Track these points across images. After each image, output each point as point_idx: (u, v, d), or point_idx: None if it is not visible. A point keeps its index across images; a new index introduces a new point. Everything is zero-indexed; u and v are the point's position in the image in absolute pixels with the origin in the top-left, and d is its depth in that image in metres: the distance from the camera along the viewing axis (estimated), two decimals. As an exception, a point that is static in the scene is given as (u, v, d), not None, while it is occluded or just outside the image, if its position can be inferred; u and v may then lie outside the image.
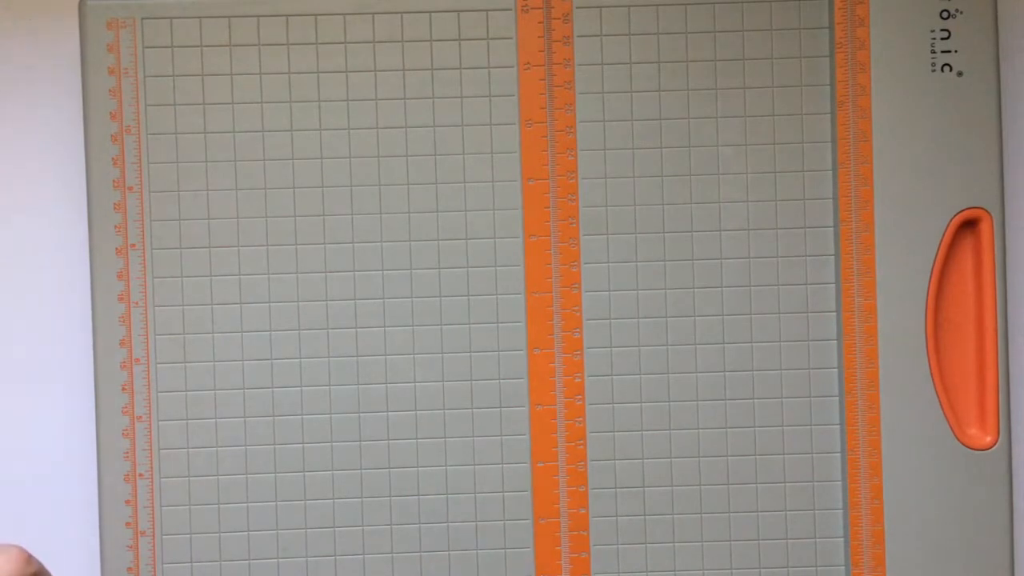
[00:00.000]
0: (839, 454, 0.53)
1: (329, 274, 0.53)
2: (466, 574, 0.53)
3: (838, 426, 0.53)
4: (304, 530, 0.53)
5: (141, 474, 0.52)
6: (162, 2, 0.52)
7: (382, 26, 0.53)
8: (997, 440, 0.52)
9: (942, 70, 0.52)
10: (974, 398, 0.53)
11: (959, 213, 0.52)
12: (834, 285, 0.53)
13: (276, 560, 0.53)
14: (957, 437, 0.52)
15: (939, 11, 0.52)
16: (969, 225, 0.53)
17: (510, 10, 0.53)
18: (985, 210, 0.52)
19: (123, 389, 0.52)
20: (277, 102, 0.52)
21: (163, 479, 0.52)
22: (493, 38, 0.53)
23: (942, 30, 0.52)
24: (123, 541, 0.52)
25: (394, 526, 0.53)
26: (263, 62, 0.52)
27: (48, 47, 0.54)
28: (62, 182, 0.54)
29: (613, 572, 0.53)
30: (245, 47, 0.52)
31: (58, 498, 0.54)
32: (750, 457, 0.53)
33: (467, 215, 0.53)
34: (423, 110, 0.53)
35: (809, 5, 0.53)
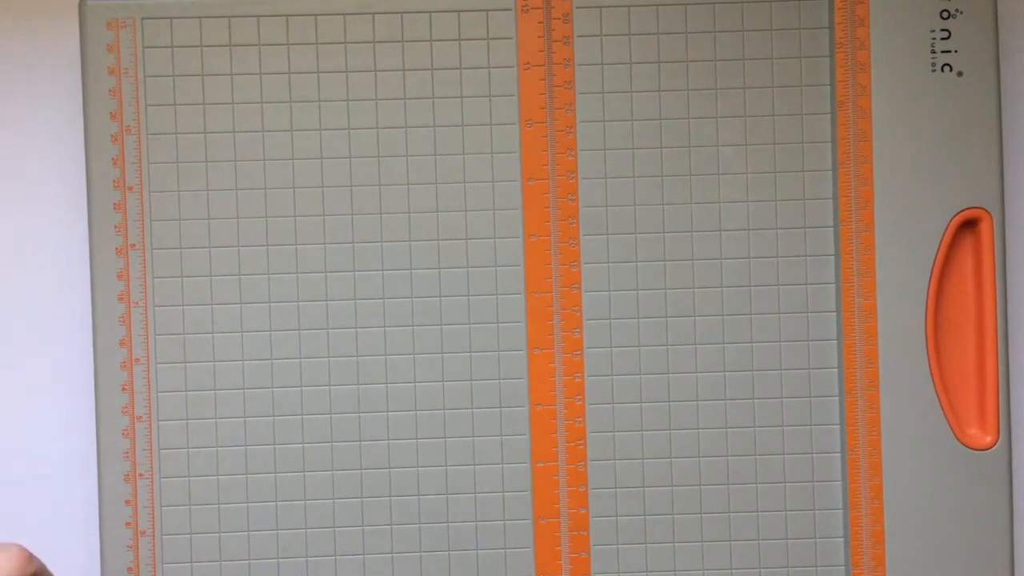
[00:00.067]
0: (839, 454, 0.53)
1: (329, 274, 0.53)
2: (466, 574, 0.53)
3: (838, 426, 0.53)
4: (304, 530, 0.53)
5: (141, 474, 0.52)
6: (162, 2, 0.52)
7: (382, 26, 0.53)
8: (997, 440, 0.52)
9: (942, 70, 0.52)
10: (974, 398, 0.53)
11: (959, 213, 0.52)
12: (834, 285, 0.53)
13: (276, 560, 0.53)
14: (957, 437, 0.52)
15: (939, 11, 0.52)
16: (969, 225, 0.53)
17: (510, 10, 0.53)
18: (985, 210, 0.52)
19: (123, 389, 0.52)
20: (277, 102, 0.52)
21: (163, 479, 0.52)
22: (493, 38, 0.53)
23: (942, 30, 0.52)
24: (123, 541, 0.52)
25: (394, 526, 0.53)
26: (263, 62, 0.52)
27: (48, 47, 0.54)
28: (62, 182, 0.54)
29: (613, 572, 0.53)
30: (245, 47, 0.52)
31: (58, 498, 0.54)
32: (750, 457, 0.53)
33: (467, 215, 0.53)
34: (423, 110, 0.53)
35: (809, 5, 0.53)
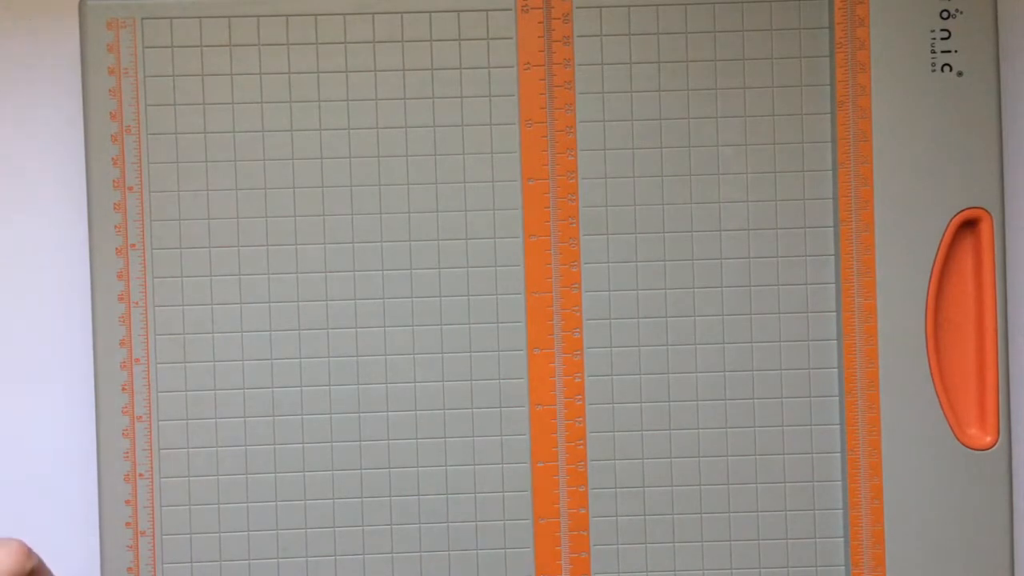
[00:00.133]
0: (839, 454, 0.53)
1: (329, 274, 0.53)
2: (466, 574, 0.53)
3: (838, 426, 0.53)
4: (304, 530, 0.53)
5: (141, 474, 0.52)
6: (162, 2, 0.52)
7: (382, 26, 0.53)
8: (997, 440, 0.52)
9: (942, 70, 0.52)
10: (974, 398, 0.53)
11: (959, 213, 0.52)
12: (834, 285, 0.53)
13: (276, 560, 0.53)
14: (957, 437, 0.52)
15: (939, 11, 0.52)
16: (969, 225, 0.53)
17: (510, 10, 0.53)
18: (985, 210, 0.52)
19: (123, 389, 0.52)
20: (277, 102, 0.52)
21: (163, 479, 0.52)
22: (493, 38, 0.53)
23: (942, 30, 0.52)
24: (123, 541, 0.52)
25: (394, 526, 0.53)
26: (263, 62, 0.52)
27: (48, 47, 0.54)
28: (62, 182, 0.54)
29: (613, 572, 0.53)
30: (245, 47, 0.52)
31: (58, 498, 0.54)
32: (750, 457, 0.53)
33: (467, 215, 0.53)
34: (423, 110, 0.53)
35: (809, 5, 0.53)
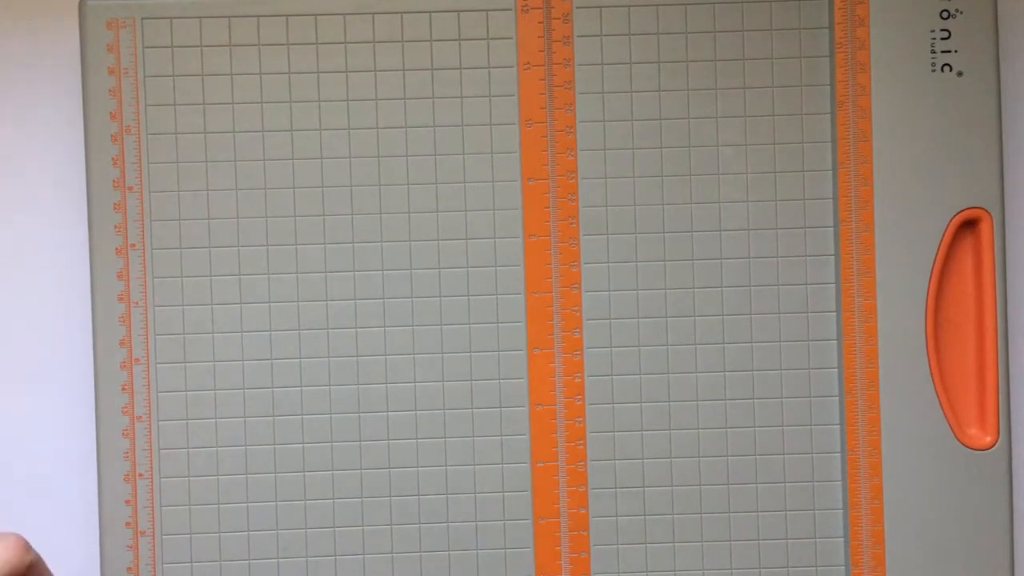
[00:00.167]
0: (839, 454, 0.53)
1: (329, 274, 0.53)
2: (466, 574, 0.53)
3: (838, 426, 0.53)
4: (304, 530, 0.53)
5: (141, 474, 0.52)
6: (162, 2, 0.52)
7: (382, 26, 0.53)
8: (997, 440, 0.52)
9: (942, 70, 0.52)
10: (974, 398, 0.53)
11: (959, 213, 0.52)
12: (834, 285, 0.53)
13: (276, 560, 0.53)
14: (957, 437, 0.52)
15: (939, 11, 0.52)
16: (969, 225, 0.53)
17: (510, 10, 0.53)
18: (985, 210, 0.52)
19: (123, 389, 0.52)
20: (277, 102, 0.52)
21: (163, 479, 0.52)
22: (493, 38, 0.53)
23: (942, 30, 0.52)
24: (123, 541, 0.52)
25: (394, 526, 0.53)
26: (263, 62, 0.52)
27: (48, 47, 0.54)
28: (62, 182, 0.54)
29: (613, 572, 0.53)
30: (245, 47, 0.52)
31: (58, 498, 0.54)
32: (750, 457, 0.53)
33: (467, 215, 0.53)
34: (423, 110, 0.53)
35: (809, 5, 0.53)
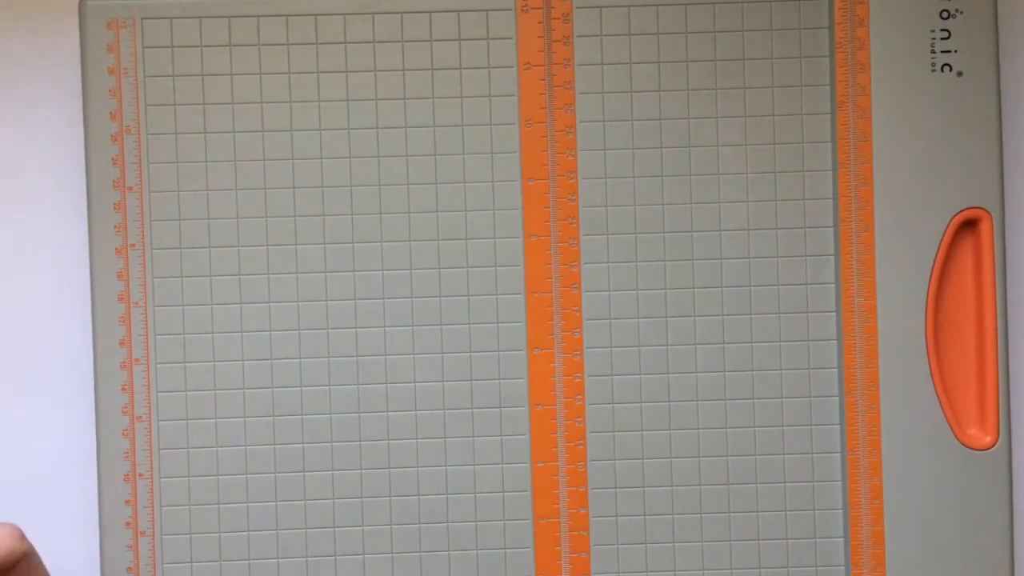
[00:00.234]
0: (839, 454, 0.53)
1: (329, 274, 0.53)
2: (466, 574, 0.53)
3: (838, 426, 0.53)
4: (304, 530, 0.53)
5: (141, 474, 0.52)
6: (162, 2, 0.52)
7: (382, 26, 0.53)
8: (997, 440, 0.52)
9: (942, 70, 0.52)
10: (974, 398, 0.53)
11: (959, 213, 0.52)
12: (834, 285, 0.53)
13: (276, 560, 0.53)
14: (957, 437, 0.52)
15: (939, 11, 0.52)
16: (969, 225, 0.53)
17: (510, 10, 0.53)
18: (985, 210, 0.52)
19: (123, 389, 0.52)
20: (277, 102, 0.52)
21: (163, 479, 0.52)
22: (493, 38, 0.53)
23: (942, 30, 0.52)
24: (123, 541, 0.52)
25: (394, 526, 0.53)
26: (263, 62, 0.52)
27: (48, 47, 0.54)
28: (62, 182, 0.54)
29: (613, 572, 0.53)
30: (245, 47, 0.52)
31: (58, 498, 0.54)
32: (750, 457, 0.53)
33: (467, 215, 0.53)
34: (423, 110, 0.53)
35: (809, 5, 0.53)
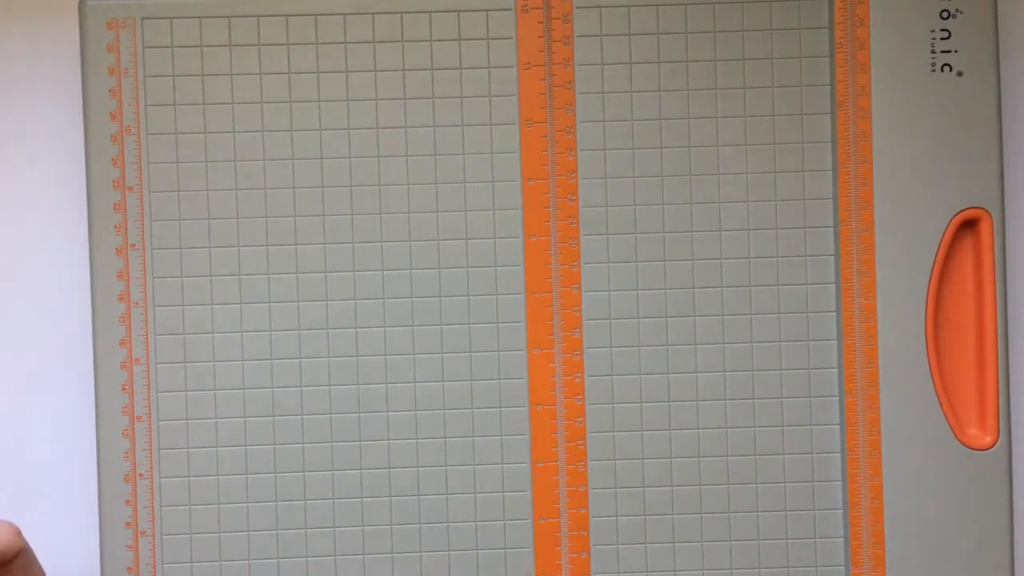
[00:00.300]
0: (839, 454, 0.53)
1: (329, 274, 0.53)
2: (466, 574, 0.53)
3: (838, 426, 0.53)
4: (304, 530, 0.53)
5: (141, 474, 0.52)
6: (162, 2, 0.52)
7: (382, 26, 0.53)
8: (997, 440, 0.52)
9: (942, 70, 0.52)
10: (974, 398, 0.53)
11: (959, 213, 0.52)
12: (834, 285, 0.53)
13: (276, 560, 0.53)
14: (957, 437, 0.52)
15: (939, 11, 0.52)
16: (969, 225, 0.53)
17: (510, 10, 0.53)
18: (985, 210, 0.52)
19: (123, 389, 0.52)
20: (277, 102, 0.52)
21: (163, 479, 0.52)
22: (493, 38, 0.53)
23: (942, 30, 0.52)
24: (123, 541, 0.52)
25: (394, 526, 0.53)
26: (263, 62, 0.52)
27: (48, 47, 0.54)
28: (62, 182, 0.54)
29: (613, 572, 0.53)
30: (245, 47, 0.52)
31: (58, 498, 0.54)
32: (750, 457, 0.53)
33: (467, 215, 0.53)
34: (423, 110, 0.53)
35: (809, 5, 0.53)
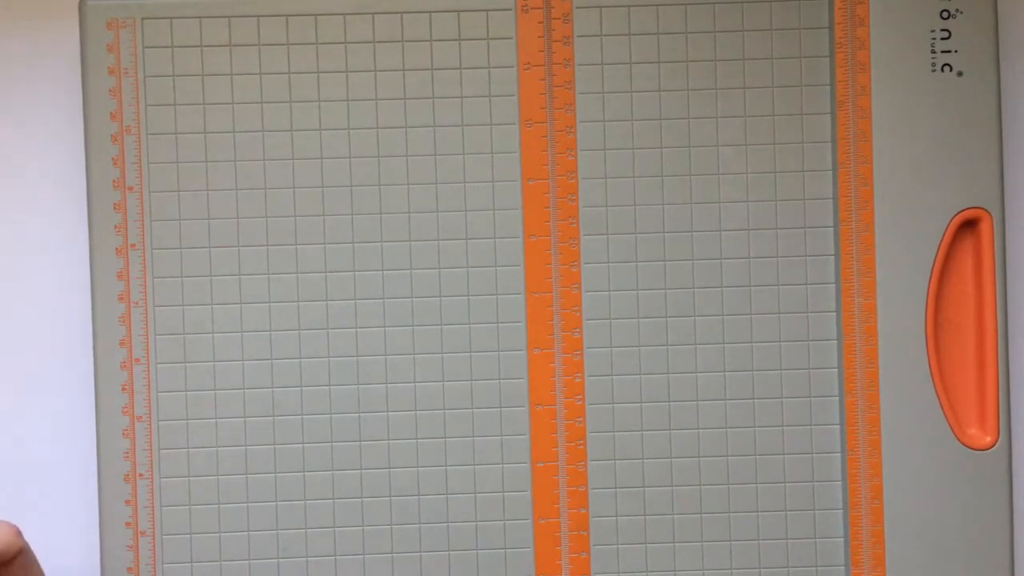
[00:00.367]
0: (839, 454, 0.53)
1: (329, 274, 0.53)
2: (466, 574, 0.53)
3: (838, 426, 0.53)
4: (304, 530, 0.53)
5: (141, 474, 0.52)
6: (162, 2, 0.52)
7: (382, 26, 0.53)
8: (997, 440, 0.52)
9: (942, 70, 0.52)
10: (974, 398, 0.53)
11: (959, 213, 0.52)
12: (834, 285, 0.53)
13: (276, 560, 0.53)
14: (957, 437, 0.52)
15: (939, 11, 0.52)
16: (969, 225, 0.53)
17: (510, 10, 0.53)
18: (985, 210, 0.52)
19: (123, 389, 0.52)
20: (277, 102, 0.52)
21: (163, 479, 0.52)
22: (493, 38, 0.53)
23: (942, 30, 0.52)
24: (123, 541, 0.52)
25: (394, 526, 0.53)
26: (263, 62, 0.52)
27: (48, 47, 0.54)
28: (62, 182, 0.54)
29: (613, 572, 0.53)
30: (245, 47, 0.52)
31: (58, 498, 0.54)
32: (750, 457, 0.53)
33: (467, 215, 0.53)
34: (423, 110, 0.53)
35: (809, 5, 0.53)
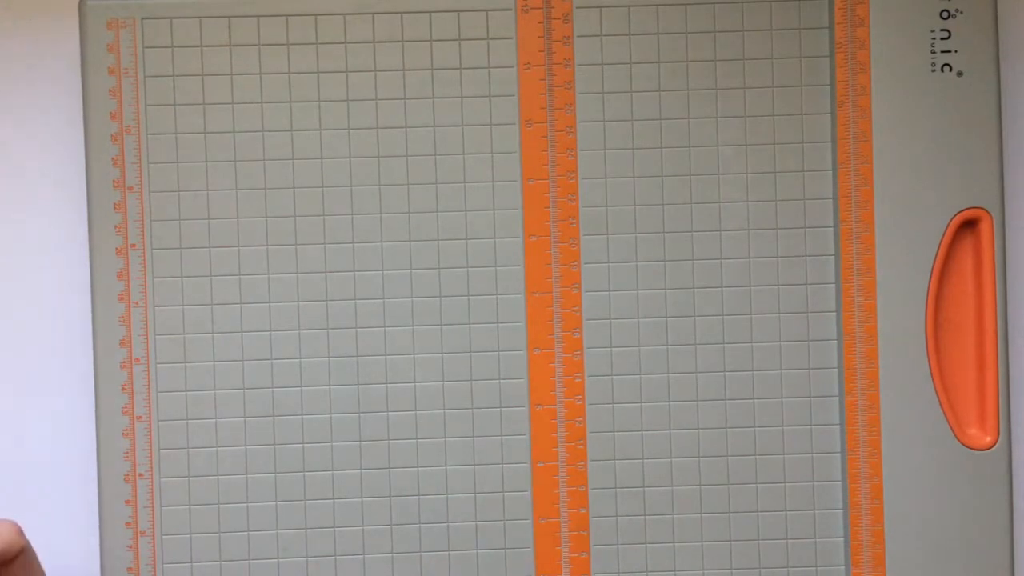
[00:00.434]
0: (839, 454, 0.53)
1: (329, 274, 0.53)
2: (466, 574, 0.53)
3: (838, 426, 0.53)
4: (304, 530, 0.53)
5: (141, 474, 0.52)
6: (162, 2, 0.52)
7: (382, 26, 0.53)
8: (997, 440, 0.52)
9: (942, 70, 0.52)
10: (974, 398, 0.53)
11: (959, 213, 0.52)
12: (834, 285, 0.53)
13: (276, 560, 0.53)
14: (957, 437, 0.52)
15: (939, 11, 0.52)
16: (969, 225, 0.53)
17: (510, 10, 0.53)
18: (985, 210, 0.52)
19: (123, 389, 0.52)
20: (277, 102, 0.52)
21: (163, 479, 0.52)
22: (493, 38, 0.53)
23: (942, 30, 0.52)
24: (123, 541, 0.52)
25: (394, 526, 0.53)
26: (263, 62, 0.52)
27: (48, 47, 0.54)
28: (62, 182, 0.54)
29: (613, 572, 0.53)
30: (245, 47, 0.52)
31: (58, 498, 0.54)
32: (750, 457, 0.53)
33: (467, 215, 0.53)
34: (423, 110, 0.53)
35: (809, 5, 0.53)
